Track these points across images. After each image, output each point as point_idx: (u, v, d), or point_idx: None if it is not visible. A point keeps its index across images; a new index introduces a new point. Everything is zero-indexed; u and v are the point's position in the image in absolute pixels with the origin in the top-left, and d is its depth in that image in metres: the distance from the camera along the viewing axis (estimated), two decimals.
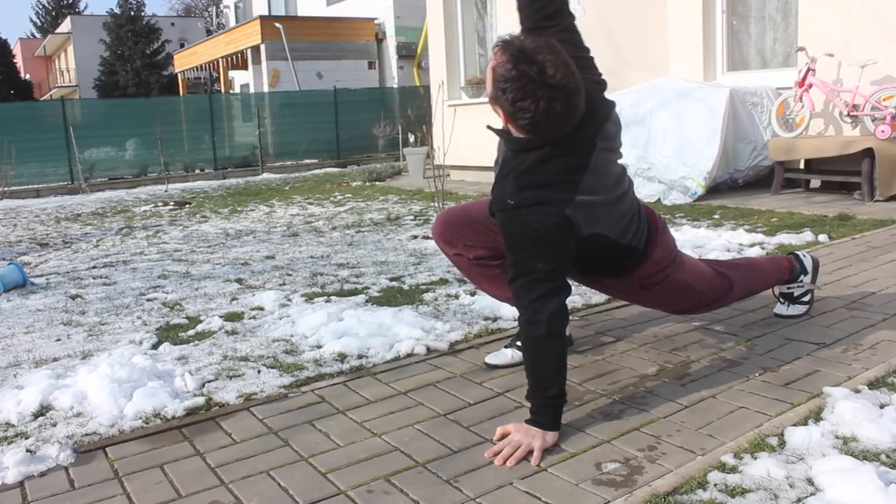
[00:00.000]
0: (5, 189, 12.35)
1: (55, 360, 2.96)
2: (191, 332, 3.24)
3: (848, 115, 6.23)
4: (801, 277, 2.86)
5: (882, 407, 2.02)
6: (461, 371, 2.55)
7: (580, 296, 3.34)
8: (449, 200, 7.09)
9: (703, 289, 2.42)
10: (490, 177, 2.23)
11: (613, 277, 2.31)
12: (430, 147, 11.62)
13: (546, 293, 1.97)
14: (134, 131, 14.96)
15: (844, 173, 6.21)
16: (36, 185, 13.48)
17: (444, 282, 3.92)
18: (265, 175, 14.62)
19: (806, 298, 2.92)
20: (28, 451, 2.04)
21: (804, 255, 2.88)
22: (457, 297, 3.56)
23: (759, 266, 2.74)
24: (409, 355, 2.76)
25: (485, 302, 3.31)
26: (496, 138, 2.14)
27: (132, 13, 34.31)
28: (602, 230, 2.07)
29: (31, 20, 52.90)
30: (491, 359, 2.59)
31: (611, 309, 3.21)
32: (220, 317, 3.45)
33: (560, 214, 1.96)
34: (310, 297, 3.73)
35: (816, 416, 2.01)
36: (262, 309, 3.60)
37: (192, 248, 5.74)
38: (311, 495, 1.78)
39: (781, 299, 2.93)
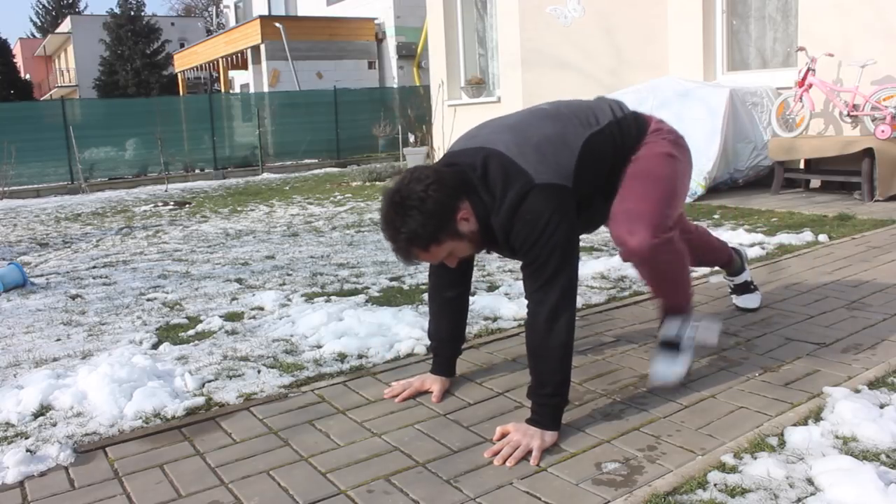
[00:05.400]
0: (5, 189, 12.36)
1: (55, 359, 2.96)
2: (191, 332, 3.24)
3: (848, 115, 6.23)
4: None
5: (882, 407, 2.02)
6: (461, 371, 2.55)
7: (580, 296, 3.34)
8: None
9: (662, 206, 2.22)
10: None
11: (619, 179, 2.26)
12: (430, 147, 11.64)
13: (561, 293, 1.95)
14: (134, 131, 14.94)
15: (844, 173, 6.21)
16: (36, 185, 13.46)
17: None
18: (265, 175, 14.61)
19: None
20: (28, 450, 2.05)
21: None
22: None
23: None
24: (408, 355, 2.76)
25: (484, 301, 3.31)
26: None
27: (132, 13, 34.31)
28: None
29: (31, 20, 53.08)
30: (741, 302, 3.02)
31: (611, 309, 3.21)
32: (220, 317, 3.45)
33: (552, 184, 1.97)
34: (310, 297, 3.73)
35: (816, 416, 2.01)
36: (262, 309, 3.60)
37: (192, 247, 5.74)
38: (311, 495, 1.78)
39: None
